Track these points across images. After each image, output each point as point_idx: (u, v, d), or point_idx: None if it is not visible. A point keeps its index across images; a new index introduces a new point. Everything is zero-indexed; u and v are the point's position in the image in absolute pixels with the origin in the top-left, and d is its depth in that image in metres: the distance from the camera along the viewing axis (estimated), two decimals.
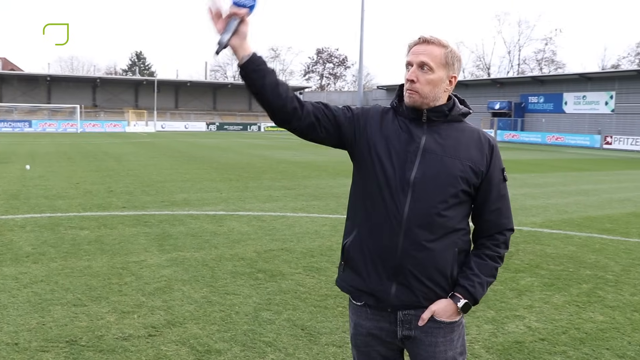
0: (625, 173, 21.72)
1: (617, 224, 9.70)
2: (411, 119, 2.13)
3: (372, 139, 2.12)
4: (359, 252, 2.11)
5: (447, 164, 2.03)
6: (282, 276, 5.85)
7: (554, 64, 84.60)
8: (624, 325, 4.75)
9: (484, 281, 2.10)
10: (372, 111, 2.22)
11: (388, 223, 2.04)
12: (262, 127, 66.92)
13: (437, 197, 2.02)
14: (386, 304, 2.07)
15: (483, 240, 2.17)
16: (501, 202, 2.16)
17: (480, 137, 2.14)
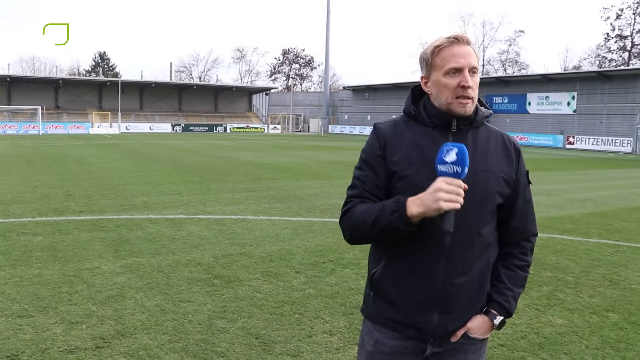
0: (587, 173, 22.09)
1: (578, 224, 9.79)
2: (435, 127, 1.95)
3: (399, 160, 1.92)
4: (392, 281, 1.96)
5: (481, 179, 1.89)
6: (239, 282, 5.69)
7: (517, 65, 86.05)
8: (582, 328, 4.73)
9: (517, 294, 2.03)
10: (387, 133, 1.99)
11: (427, 252, 1.89)
12: (228, 128, 66.39)
13: (476, 217, 1.91)
14: (428, 334, 1.95)
15: (510, 249, 2.06)
16: (527, 207, 2.08)
17: (505, 142, 2.04)
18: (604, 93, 49.76)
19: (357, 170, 2.02)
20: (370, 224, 1.85)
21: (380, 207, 1.85)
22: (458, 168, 1.73)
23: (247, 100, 78.04)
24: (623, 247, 7.98)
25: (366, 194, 1.95)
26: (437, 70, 1.90)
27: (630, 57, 73.52)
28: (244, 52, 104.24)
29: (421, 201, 1.76)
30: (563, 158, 33.14)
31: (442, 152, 1.77)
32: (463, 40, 1.90)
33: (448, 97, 1.89)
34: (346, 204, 1.98)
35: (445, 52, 1.89)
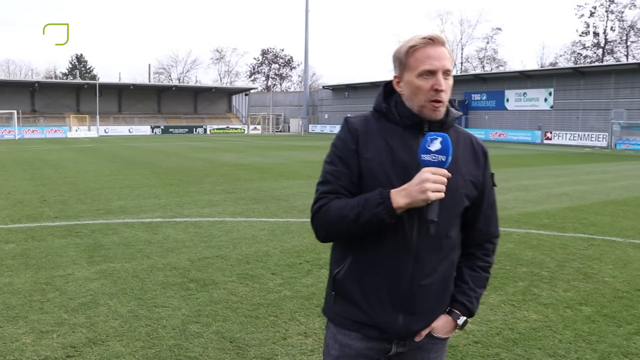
0: (564, 168, 22.34)
1: (554, 219, 9.88)
2: (406, 127, 1.92)
3: (370, 158, 1.89)
4: (356, 282, 1.93)
5: (451, 182, 1.83)
6: (214, 285, 5.64)
7: (495, 62, 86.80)
8: (556, 322, 4.76)
9: (479, 294, 2.06)
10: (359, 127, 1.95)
11: (395, 252, 1.87)
12: (208, 129, 66.06)
13: (445, 220, 1.89)
14: (392, 335, 1.94)
15: (473, 250, 2.08)
16: (491, 210, 2.09)
17: (473, 144, 2.03)
18: (579, 89, 50.40)
19: (328, 165, 1.96)
20: (352, 218, 1.81)
21: (363, 201, 1.81)
22: (442, 157, 1.74)
23: (226, 101, 77.70)
24: (597, 241, 8.07)
25: (341, 189, 1.90)
26: (411, 71, 1.88)
27: (604, 53, 74.54)
28: (223, 53, 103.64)
29: (407, 192, 1.75)
30: (541, 153, 33.48)
31: (426, 141, 1.77)
32: (438, 41, 1.87)
33: (421, 99, 1.87)
34: (319, 199, 1.92)
35: (419, 53, 1.86)
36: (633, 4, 72.76)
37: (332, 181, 1.91)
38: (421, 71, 1.84)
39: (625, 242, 8.06)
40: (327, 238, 1.94)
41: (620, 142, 43.79)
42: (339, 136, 1.97)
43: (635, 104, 46.11)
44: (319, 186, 1.95)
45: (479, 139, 2.08)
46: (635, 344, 4.35)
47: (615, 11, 72.56)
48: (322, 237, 1.93)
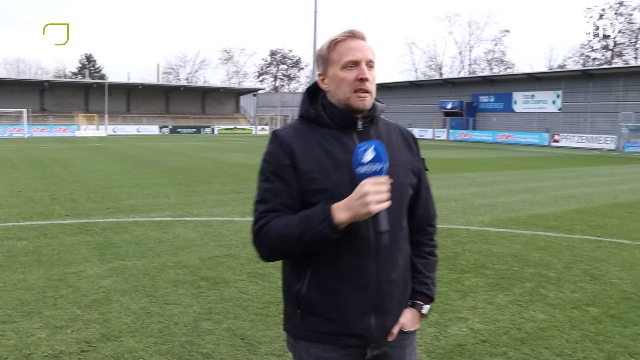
0: (571, 170, 22.31)
1: (562, 221, 9.90)
2: (339, 128, 1.90)
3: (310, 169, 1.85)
4: (322, 294, 1.87)
5: (393, 175, 1.80)
6: (225, 284, 5.71)
7: (503, 64, 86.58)
8: (563, 323, 4.80)
9: (434, 279, 2.10)
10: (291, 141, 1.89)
11: (356, 256, 1.85)
12: (216, 130, 66.24)
13: (397, 213, 1.91)
14: (369, 339, 1.92)
15: (418, 237, 2.10)
16: (428, 194, 2.13)
17: (403, 133, 2.05)
18: (587, 91, 50.22)
19: (264, 183, 1.90)
20: (295, 238, 1.76)
21: (305, 218, 1.76)
22: (378, 166, 1.69)
23: (234, 101, 77.92)
24: (604, 243, 8.09)
25: (280, 207, 1.85)
26: (334, 64, 1.88)
27: (613, 56, 74.23)
28: (231, 53, 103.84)
29: (348, 207, 1.70)
30: (548, 156, 33.40)
31: (358, 154, 1.71)
32: (358, 35, 1.89)
33: (346, 91, 1.86)
34: (258, 219, 1.86)
35: (341, 46, 1.87)
36: None
37: (269, 199, 1.86)
38: (345, 63, 1.85)
39: (632, 244, 8.08)
40: (271, 258, 1.88)
41: (629, 145, 43.58)
42: (270, 151, 1.91)
43: None
44: (256, 205, 1.89)
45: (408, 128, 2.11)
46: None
47: (625, 13, 72.26)
48: (265, 257, 1.88)
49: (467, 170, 20.62)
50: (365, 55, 1.86)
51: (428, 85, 66.37)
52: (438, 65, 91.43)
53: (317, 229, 1.74)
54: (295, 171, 1.85)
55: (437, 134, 59.84)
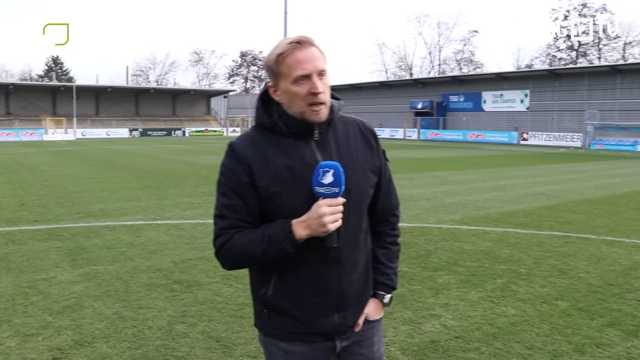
0: (540, 168, 22.71)
1: (531, 217, 10.09)
2: (297, 136, 1.89)
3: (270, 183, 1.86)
4: (287, 297, 1.93)
5: (352, 179, 1.87)
6: (198, 286, 5.69)
7: (472, 64, 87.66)
8: (533, 317, 4.90)
9: (396, 268, 2.15)
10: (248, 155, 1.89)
11: (318, 260, 1.90)
12: (187, 132, 65.73)
13: (356, 217, 1.95)
14: (334, 335, 1.99)
15: (380, 228, 2.13)
16: (390, 185, 2.14)
17: (362, 129, 2.04)
18: (554, 91, 51.20)
19: (223, 198, 1.91)
20: (259, 256, 1.84)
21: (267, 237, 1.83)
22: (336, 189, 1.78)
23: (205, 103, 77.46)
24: (572, 238, 8.27)
25: (240, 223, 1.88)
26: (285, 79, 1.83)
27: (578, 56, 75.72)
28: (201, 55, 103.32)
29: (307, 225, 1.79)
30: (517, 154, 33.95)
31: (318, 174, 1.78)
32: (306, 43, 1.83)
33: (300, 105, 1.83)
34: (219, 235, 1.90)
35: (289, 59, 1.81)
36: (604, 8, 74.31)
37: (228, 216, 1.88)
38: (295, 77, 1.80)
39: (598, 239, 8.28)
40: (235, 269, 1.98)
41: (594, 143, 44.55)
42: (227, 166, 1.91)
43: (607, 105, 46.98)
44: (216, 219, 1.92)
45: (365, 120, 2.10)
46: (608, 336, 4.51)
47: (588, 15, 73.79)
48: (229, 269, 1.99)
49: (438, 169, 20.84)
50: (315, 66, 1.82)
51: (398, 85, 66.87)
52: (408, 66, 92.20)
53: (279, 247, 1.82)
54: (254, 188, 1.86)
55: (408, 133, 60.31)
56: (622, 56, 73.49)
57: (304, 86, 1.81)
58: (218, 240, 1.90)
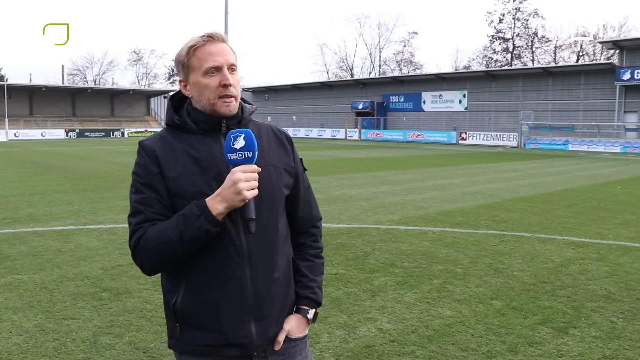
0: (477, 167, 23.23)
1: (468, 216, 10.24)
2: (205, 133, 1.87)
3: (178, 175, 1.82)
4: (198, 305, 1.82)
5: (264, 175, 1.81)
6: (128, 294, 5.45)
7: (412, 65, 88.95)
8: (468, 318, 4.92)
9: (320, 282, 2.05)
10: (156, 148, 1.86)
11: (228, 261, 1.80)
12: (126, 133, 64.12)
13: (268, 214, 1.87)
14: (252, 348, 1.86)
15: (302, 239, 2.06)
16: (309, 194, 2.09)
17: (276, 133, 2.01)
18: (491, 91, 52.67)
19: (135, 195, 1.84)
20: (176, 240, 1.73)
21: (181, 219, 1.74)
22: (249, 153, 1.73)
23: (145, 103, 75.78)
24: (507, 237, 8.43)
25: (155, 216, 1.81)
26: (195, 71, 1.84)
27: (513, 58, 78.07)
28: (140, 55, 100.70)
29: (222, 197, 1.72)
30: (456, 153, 34.67)
31: (229, 140, 1.75)
32: (218, 38, 1.85)
33: (210, 97, 1.83)
34: (134, 232, 1.81)
35: (200, 51, 1.83)
36: (536, 12, 77.02)
37: (142, 210, 1.81)
38: (206, 69, 1.82)
39: (532, 236, 8.46)
40: (155, 269, 1.84)
41: (529, 142, 46.06)
42: (138, 163, 1.88)
43: (541, 105, 48.71)
44: (130, 219, 1.84)
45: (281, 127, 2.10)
46: (540, 334, 4.57)
47: (521, 19, 76.26)
48: (148, 270, 1.83)
49: (378, 169, 20.99)
50: (227, 59, 1.83)
51: (339, 85, 67.23)
52: (349, 66, 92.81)
53: (196, 225, 1.71)
54: (163, 178, 1.82)
55: (350, 133, 60.75)
56: (554, 59, 76.25)
57: (215, 78, 1.82)
58: (134, 237, 1.80)
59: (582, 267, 6.70)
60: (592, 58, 71.33)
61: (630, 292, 5.77)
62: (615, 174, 20.91)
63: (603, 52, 68.43)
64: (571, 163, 27.57)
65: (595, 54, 72.41)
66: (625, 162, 29.69)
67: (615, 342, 4.45)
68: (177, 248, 1.74)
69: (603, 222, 9.89)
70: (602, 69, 46.29)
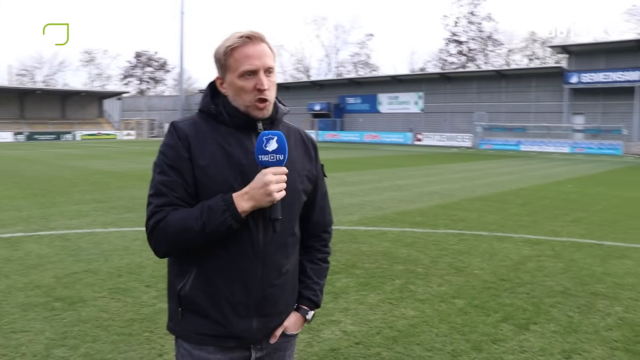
0: (434, 167, 23.53)
1: (427, 216, 10.31)
2: (238, 128, 1.87)
3: (206, 165, 1.82)
4: (205, 294, 1.83)
5: (288, 180, 1.80)
6: (83, 303, 5.23)
7: (368, 67, 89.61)
8: (432, 317, 4.91)
9: (322, 286, 2.10)
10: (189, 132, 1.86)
11: (243, 256, 1.82)
12: (78, 136, 62.49)
13: (287, 218, 1.87)
14: (249, 341, 1.90)
15: (312, 242, 2.10)
16: (325, 201, 2.13)
17: (303, 138, 2.03)
18: (446, 93, 53.53)
19: (160, 175, 1.83)
20: (197, 230, 1.73)
21: (207, 210, 1.74)
22: (280, 156, 1.73)
23: (97, 105, 73.99)
24: (466, 236, 8.51)
25: (177, 201, 1.80)
26: (232, 72, 1.83)
27: (467, 60, 79.54)
28: (92, 55, 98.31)
29: (250, 195, 1.73)
30: (412, 154, 35.04)
31: (262, 141, 1.73)
32: (257, 39, 1.82)
33: (245, 100, 1.83)
34: (154, 213, 1.80)
35: (238, 53, 1.81)
36: (489, 16, 78.87)
37: (166, 192, 1.80)
38: (242, 72, 1.80)
39: (490, 235, 8.57)
40: (169, 253, 1.85)
41: (483, 143, 46.99)
42: (168, 143, 1.86)
43: (494, 107, 49.80)
44: (151, 199, 1.82)
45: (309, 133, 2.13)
46: (502, 331, 4.60)
47: (475, 22, 77.78)
48: (162, 253, 1.84)
49: (335, 170, 20.98)
50: (264, 63, 1.81)
51: (296, 87, 67.24)
52: (306, 68, 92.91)
53: (220, 220, 1.72)
54: (192, 165, 1.81)
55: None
56: (506, 62, 77.99)
57: (250, 81, 1.81)
58: (153, 218, 1.79)
59: (539, 264, 6.81)
60: (543, 62, 73.28)
61: (585, 287, 5.88)
62: (566, 173, 21.50)
63: (552, 55, 70.41)
64: (523, 163, 28.22)
65: (545, 57, 74.44)
66: (573, 161, 30.55)
67: (573, 336, 4.52)
68: (197, 238, 1.74)
69: (556, 220, 10.11)
70: (552, 72, 47.67)
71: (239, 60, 1.80)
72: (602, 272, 6.49)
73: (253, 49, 1.80)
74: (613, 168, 25.78)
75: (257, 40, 1.82)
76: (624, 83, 42.15)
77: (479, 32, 78.37)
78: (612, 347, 4.31)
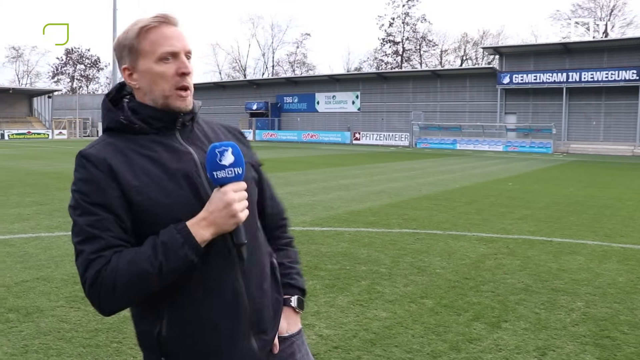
0: (375, 166, 23.78)
1: (379, 216, 10.37)
2: (158, 131, 1.61)
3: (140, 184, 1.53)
4: (188, 330, 1.57)
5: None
6: (40, 313, 4.92)
7: (305, 66, 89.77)
8: (405, 318, 4.90)
9: (298, 269, 1.92)
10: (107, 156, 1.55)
11: (218, 270, 1.57)
12: (6, 135, 59.57)
13: (252, 212, 1.66)
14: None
15: (273, 232, 1.90)
16: (271, 189, 1.93)
17: (229, 129, 1.83)
18: (383, 93, 54.28)
19: (83, 217, 1.50)
20: (153, 272, 1.45)
21: (160, 247, 1.46)
22: (239, 169, 1.52)
23: (27, 103, 70.76)
24: (422, 235, 8.60)
25: (115, 241, 1.49)
26: (147, 57, 1.58)
27: (402, 60, 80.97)
28: (20, 51, 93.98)
29: (210, 221, 1.48)
30: (352, 153, 35.32)
31: (214, 155, 1.51)
32: (172, 21, 1.62)
33: (165, 88, 1.58)
34: (90, 262, 1.47)
35: (154, 34, 1.58)
36: (424, 17, 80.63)
37: (98, 234, 1.48)
38: (161, 54, 1.57)
39: (445, 234, 8.70)
40: (120, 308, 1.53)
41: (420, 142, 47.95)
42: (82, 179, 1.54)
43: (430, 106, 50.91)
44: (81, 246, 1.49)
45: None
46: (476, 330, 4.64)
47: (410, 23, 79.27)
48: (109, 309, 1.52)
49: (278, 170, 20.84)
50: (184, 45, 1.60)
51: (233, 86, 66.56)
52: (242, 67, 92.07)
53: (180, 255, 1.46)
54: (121, 193, 1.51)
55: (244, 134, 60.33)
56: (440, 62, 79.91)
57: (171, 65, 1.58)
58: (90, 269, 1.46)
59: (497, 262, 6.95)
60: (475, 62, 75.52)
61: (545, 284, 6.04)
62: (504, 171, 22.19)
63: (484, 57, 72.61)
64: (461, 161, 28.95)
65: (477, 58, 76.75)
66: (508, 160, 31.62)
67: (544, 333, 4.61)
68: (154, 282, 1.47)
69: (504, 218, 10.38)
70: (485, 72, 49.26)
71: (155, 42, 1.57)
72: (558, 268, 6.69)
73: (171, 30, 1.59)
74: (545, 166, 26.80)
75: (173, 22, 1.62)
76: (552, 84, 43.96)
77: (414, 32, 79.95)
78: (582, 342, 4.42)
